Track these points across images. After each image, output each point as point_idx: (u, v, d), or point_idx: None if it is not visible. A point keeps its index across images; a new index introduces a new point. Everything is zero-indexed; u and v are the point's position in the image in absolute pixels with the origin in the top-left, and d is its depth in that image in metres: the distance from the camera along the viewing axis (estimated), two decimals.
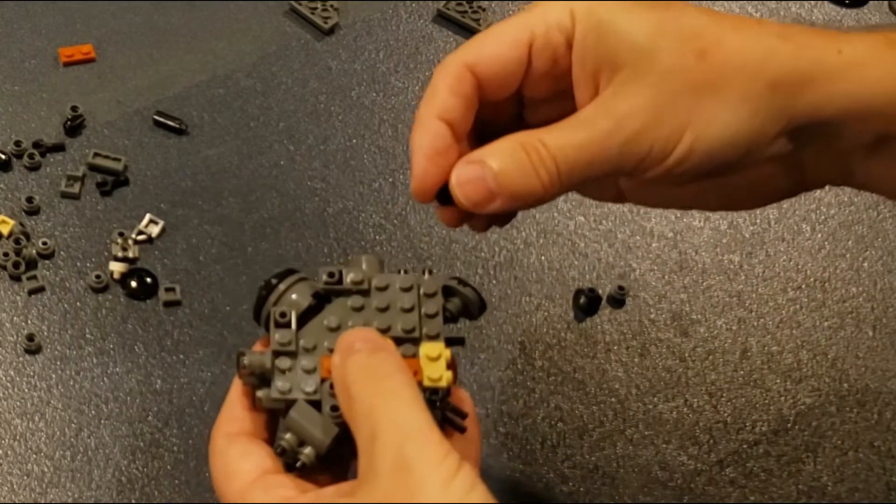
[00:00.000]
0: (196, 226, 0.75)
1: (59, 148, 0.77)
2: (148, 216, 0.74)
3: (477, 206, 0.51)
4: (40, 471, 0.65)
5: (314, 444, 0.49)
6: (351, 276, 0.52)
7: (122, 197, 0.75)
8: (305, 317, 0.52)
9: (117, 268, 0.72)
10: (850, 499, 0.70)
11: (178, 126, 0.79)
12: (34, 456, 0.65)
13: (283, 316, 0.51)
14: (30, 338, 0.68)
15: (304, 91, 0.83)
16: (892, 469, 0.71)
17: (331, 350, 0.51)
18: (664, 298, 0.76)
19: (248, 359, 0.51)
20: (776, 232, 0.80)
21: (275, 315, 0.51)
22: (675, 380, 0.73)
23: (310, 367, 0.51)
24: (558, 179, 0.50)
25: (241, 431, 0.51)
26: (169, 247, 0.74)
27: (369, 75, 0.84)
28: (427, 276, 0.53)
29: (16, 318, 0.70)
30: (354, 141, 0.81)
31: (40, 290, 0.71)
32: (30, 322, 0.70)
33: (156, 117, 0.79)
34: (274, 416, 0.52)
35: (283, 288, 0.53)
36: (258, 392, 0.51)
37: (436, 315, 0.52)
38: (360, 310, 0.52)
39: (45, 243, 0.72)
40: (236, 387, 0.53)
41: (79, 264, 0.72)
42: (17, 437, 0.66)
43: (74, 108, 0.78)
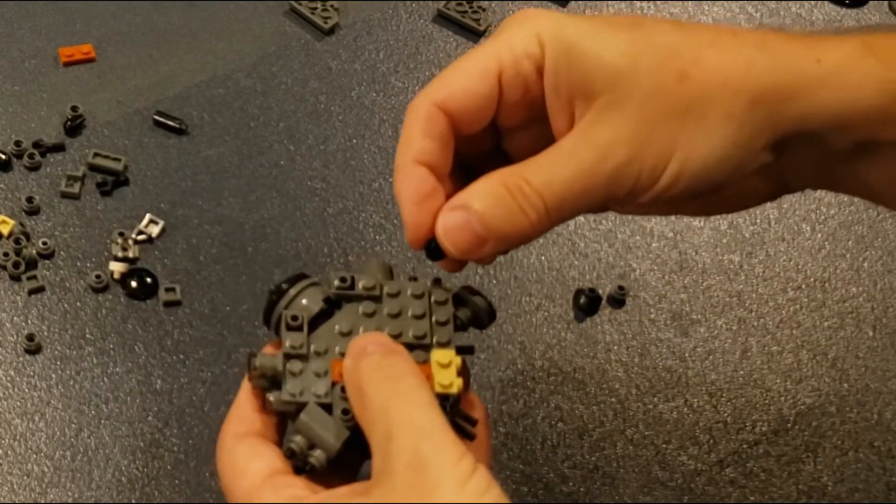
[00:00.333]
0: (196, 226, 0.75)
1: (59, 148, 0.77)
2: (148, 216, 0.74)
3: (467, 254, 0.51)
4: (40, 471, 0.65)
5: (325, 447, 0.49)
6: (363, 282, 0.52)
7: (122, 197, 0.75)
8: (316, 321, 0.52)
9: (117, 268, 0.72)
10: (850, 499, 0.70)
11: (178, 126, 0.79)
12: (34, 456, 0.65)
13: (295, 319, 0.51)
14: (30, 338, 0.68)
15: (304, 91, 0.82)
16: (892, 469, 0.71)
17: (342, 354, 0.51)
18: (664, 298, 0.76)
19: (260, 361, 0.51)
20: (776, 232, 0.80)
21: (286, 318, 0.51)
22: (675, 380, 0.73)
23: (321, 370, 0.51)
24: (547, 216, 0.50)
25: (250, 432, 0.51)
26: (169, 247, 0.74)
27: (369, 75, 0.84)
28: (435, 283, 0.53)
29: (16, 318, 0.70)
30: (354, 141, 0.81)
31: (40, 290, 0.71)
32: (30, 322, 0.70)
33: (156, 117, 0.79)
34: (282, 418, 0.52)
35: (293, 292, 0.52)
36: (269, 394, 0.51)
37: (447, 322, 0.52)
38: (371, 315, 0.52)
39: (45, 243, 0.72)
40: (245, 388, 0.52)
41: (79, 264, 0.72)
42: (17, 437, 0.66)
43: (74, 108, 0.78)
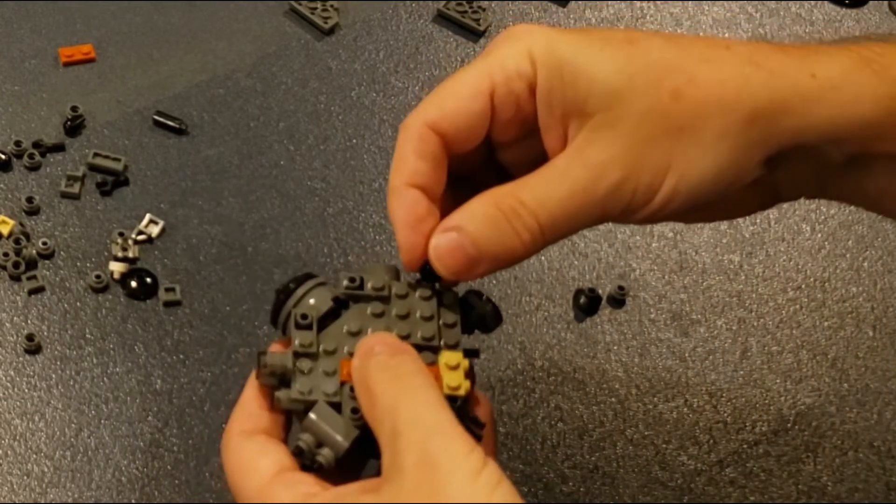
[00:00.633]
0: (196, 226, 0.75)
1: (59, 148, 0.77)
2: (148, 216, 0.74)
3: (460, 275, 0.51)
4: (40, 471, 0.65)
5: (333, 445, 0.49)
6: (372, 283, 0.52)
7: (122, 197, 0.75)
8: (324, 321, 0.52)
9: (117, 268, 0.72)
10: (850, 499, 0.70)
11: (178, 126, 0.79)
12: (34, 456, 0.65)
13: (305, 318, 0.51)
14: (30, 338, 0.68)
15: (304, 91, 0.82)
16: (892, 469, 0.71)
17: (351, 354, 0.51)
18: (664, 298, 0.76)
19: (269, 359, 0.51)
20: (776, 232, 0.80)
21: (296, 317, 0.51)
22: (675, 380, 0.73)
23: (330, 369, 0.50)
24: (541, 237, 0.50)
25: (257, 430, 0.51)
26: (169, 247, 0.74)
27: (369, 75, 0.84)
28: (442, 286, 0.53)
29: (16, 318, 0.70)
30: (354, 141, 0.81)
31: (40, 290, 0.71)
32: (30, 322, 0.70)
33: (156, 117, 0.79)
34: (288, 417, 0.52)
35: (301, 292, 0.52)
36: (278, 392, 0.51)
37: (455, 325, 0.53)
38: (380, 316, 0.52)
39: (45, 243, 0.72)
40: (251, 386, 0.52)
41: (79, 264, 0.72)
42: (17, 437, 0.66)
43: (74, 108, 0.78)
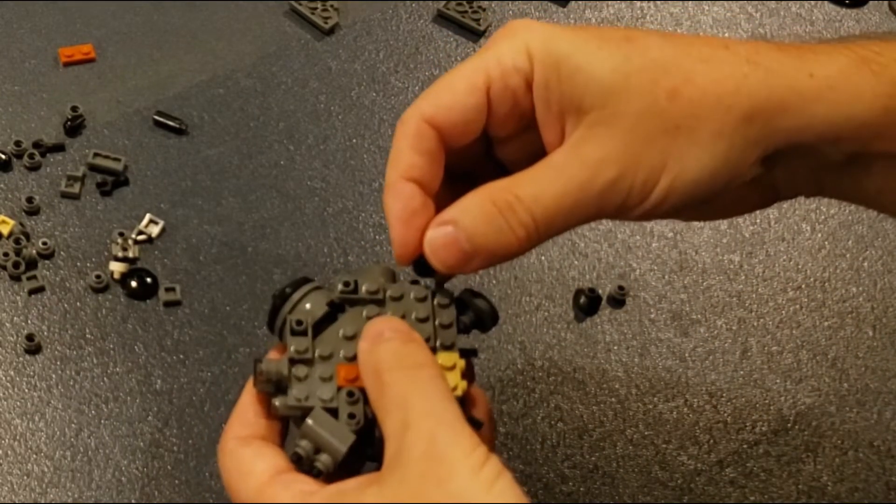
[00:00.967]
0: (196, 226, 0.75)
1: (59, 148, 0.77)
2: (148, 216, 0.74)
3: (454, 269, 0.51)
4: (40, 471, 0.65)
5: (331, 451, 0.49)
6: (366, 286, 0.52)
7: (122, 197, 0.75)
8: (320, 326, 0.52)
9: (117, 268, 0.72)
10: (850, 499, 0.70)
11: (178, 126, 0.79)
12: (34, 456, 0.65)
13: (300, 324, 0.51)
14: (30, 338, 0.68)
15: (304, 91, 0.82)
16: (892, 469, 0.71)
17: (347, 358, 0.51)
18: (664, 298, 0.76)
19: (265, 366, 0.51)
20: (776, 232, 0.80)
21: (291, 323, 0.51)
22: (675, 380, 0.73)
23: (326, 374, 0.51)
24: (536, 232, 0.50)
25: (254, 435, 0.51)
26: (169, 247, 0.74)
27: (369, 75, 0.84)
28: (438, 286, 0.53)
29: (16, 318, 0.70)
30: (354, 141, 0.81)
31: (40, 290, 0.71)
32: (30, 322, 0.70)
33: (156, 117, 0.79)
34: (286, 423, 0.52)
35: (297, 297, 0.52)
36: (274, 399, 0.51)
37: (450, 325, 0.53)
38: None
39: (45, 243, 0.72)
40: (247, 391, 0.52)
41: (79, 264, 0.72)
42: (17, 437, 0.66)
43: (74, 108, 0.78)
